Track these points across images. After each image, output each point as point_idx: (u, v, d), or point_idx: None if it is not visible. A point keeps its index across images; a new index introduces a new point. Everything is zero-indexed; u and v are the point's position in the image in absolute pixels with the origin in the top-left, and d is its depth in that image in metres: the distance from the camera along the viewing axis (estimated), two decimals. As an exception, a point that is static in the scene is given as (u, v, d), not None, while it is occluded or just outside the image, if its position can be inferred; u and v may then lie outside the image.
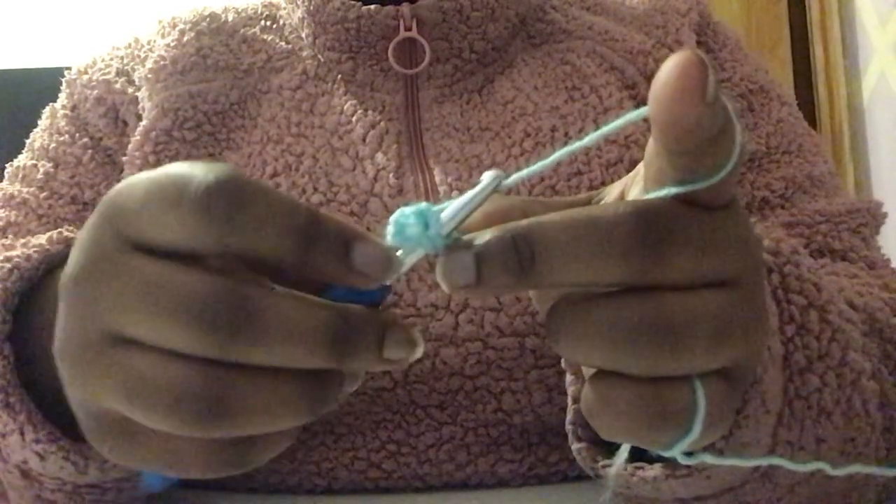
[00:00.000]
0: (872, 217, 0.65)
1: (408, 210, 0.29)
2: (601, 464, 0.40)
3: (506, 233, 0.28)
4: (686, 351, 0.28)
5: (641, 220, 0.28)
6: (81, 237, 0.30)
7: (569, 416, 0.42)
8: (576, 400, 0.42)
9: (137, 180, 0.29)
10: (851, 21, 1.54)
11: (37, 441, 0.41)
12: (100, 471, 0.42)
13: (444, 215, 0.29)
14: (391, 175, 0.59)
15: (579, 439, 0.41)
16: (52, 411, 0.41)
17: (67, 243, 0.44)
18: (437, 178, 0.59)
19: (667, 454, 0.30)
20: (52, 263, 0.44)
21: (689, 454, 0.31)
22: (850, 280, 0.54)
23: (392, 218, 0.29)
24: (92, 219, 0.30)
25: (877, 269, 0.61)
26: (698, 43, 0.69)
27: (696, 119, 0.27)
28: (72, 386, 0.31)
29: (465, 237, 0.29)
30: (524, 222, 0.29)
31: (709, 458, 0.31)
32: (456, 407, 0.56)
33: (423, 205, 0.29)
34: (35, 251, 0.44)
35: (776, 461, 0.32)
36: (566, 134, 0.61)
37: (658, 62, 0.65)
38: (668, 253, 0.28)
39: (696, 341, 0.28)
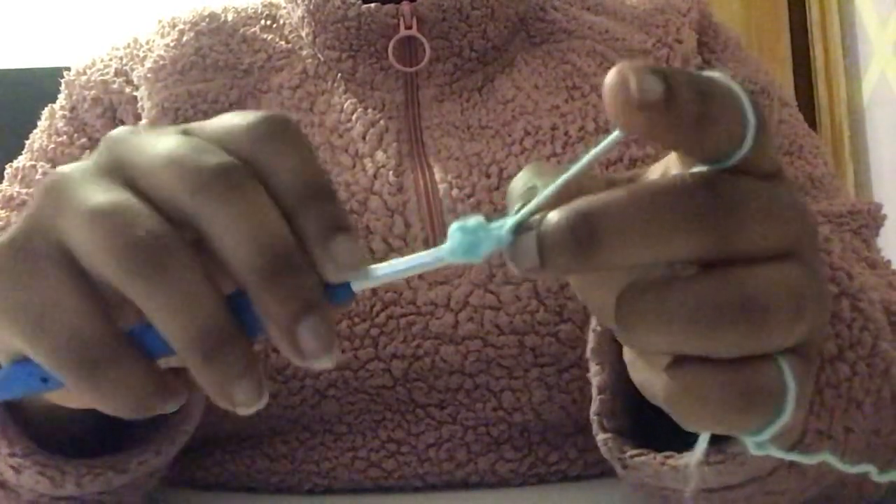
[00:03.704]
0: (873, 219, 0.65)
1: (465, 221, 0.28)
2: (629, 454, 0.39)
3: (565, 213, 0.27)
4: (771, 326, 0.27)
5: (709, 189, 0.27)
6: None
7: (594, 407, 0.41)
8: (601, 390, 0.41)
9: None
10: (851, 21, 1.54)
11: (12, 455, 0.41)
12: (77, 485, 0.42)
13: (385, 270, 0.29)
14: (391, 173, 0.59)
15: (605, 430, 0.41)
16: (29, 424, 0.42)
17: None
18: (437, 177, 0.59)
19: (757, 439, 0.29)
20: None
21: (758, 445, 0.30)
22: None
23: (452, 228, 0.28)
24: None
25: (878, 269, 0.61)
26: (699, 43, 0.69)
27: (641, 121, 0.26)
28: None
29: (533, 218, 0.28)
30: (583, 201, 0.27)
31: (774, 452, 0.29)
32: (456, 405, 0.56)
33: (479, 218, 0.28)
34: None
35: (828, 458, 0.31)
36: (566, 133, 0.61)
37: (658, 61, 0.65)
38: (739, 221, 0.27)
39: (779, 315, 0.27)
